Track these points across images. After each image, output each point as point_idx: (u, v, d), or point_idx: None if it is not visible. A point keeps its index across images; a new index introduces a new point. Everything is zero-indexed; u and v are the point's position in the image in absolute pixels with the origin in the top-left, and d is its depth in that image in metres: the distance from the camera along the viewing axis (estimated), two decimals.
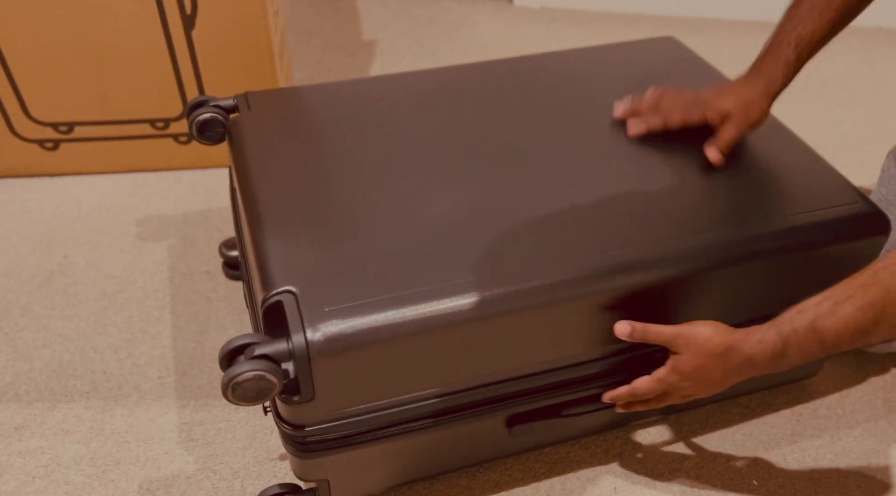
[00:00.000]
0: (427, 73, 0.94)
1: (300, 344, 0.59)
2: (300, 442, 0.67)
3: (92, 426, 0.87)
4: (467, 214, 0.71)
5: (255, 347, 0.59)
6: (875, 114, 1.40)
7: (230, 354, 0.60)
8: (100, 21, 1.07)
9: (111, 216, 1.15)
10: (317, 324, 0.60)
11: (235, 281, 1.03)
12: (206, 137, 0.87)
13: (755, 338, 0.63)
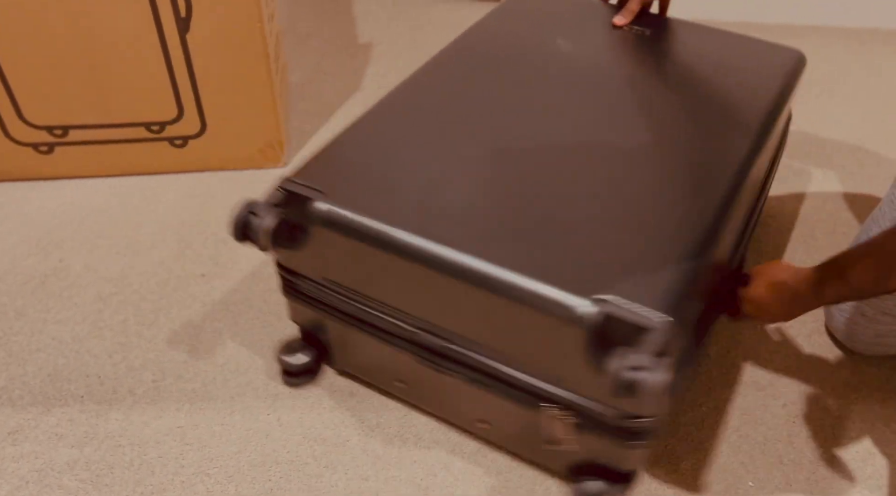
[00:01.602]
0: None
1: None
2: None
3: (86, 430, 0.87)
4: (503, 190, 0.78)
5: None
6: (873, 114, 1.40)
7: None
8: (94, 24, 1.07)
9: (107, 219, 1.15)
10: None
11: (297, 388, 0.93)
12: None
13: (804, 274, 0.76)
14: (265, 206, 0.76)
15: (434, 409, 0.88)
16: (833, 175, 1.26)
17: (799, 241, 1.14)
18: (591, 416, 0.72)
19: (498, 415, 0.80)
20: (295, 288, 0.85)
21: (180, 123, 1.18)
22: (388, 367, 0.86)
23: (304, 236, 0.78)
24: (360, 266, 0.77)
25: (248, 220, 0.76)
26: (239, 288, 1.04)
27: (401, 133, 0.85)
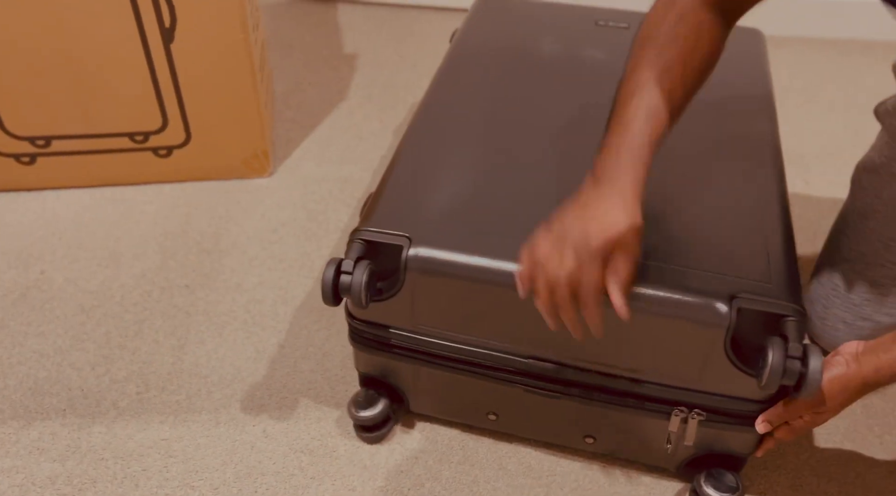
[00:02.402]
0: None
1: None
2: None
3: (68, 444, 0.86)
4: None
5: None
6: (852, 123, 1.42)
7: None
8: (77, 34, 1.06)
9: (89, 230, 1.14)
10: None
11: (374, 444, 0.87)
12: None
13: (890, 372, 0.65)
14: (352, 262, 0.70)
15: (531, 434, 0.86)
16: (813, 183, 1.27)
17: None
18: (721, 411, 0.72)
19: (607, 428, 0.79)
20: (373, 338, 0.79)
21: (164, 133, 1.17)
22: (481, 403, 0.83)
23: (390, 285, 0.74)
24: (461, 305, 0.74)
25: (339, 280, 0.70)
26: (223, 299, 1.04)
27: (446, 157, 0.83)
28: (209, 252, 1.11)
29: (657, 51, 0.65)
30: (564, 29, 1.06)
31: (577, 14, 1.09)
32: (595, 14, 1.09)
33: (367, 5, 1.77)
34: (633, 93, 0.63)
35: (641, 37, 0.68)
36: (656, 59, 0.64)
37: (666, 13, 0.66)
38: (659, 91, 0.63)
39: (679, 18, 0.65)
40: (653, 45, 0.65)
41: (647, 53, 0.65)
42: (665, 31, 0.66)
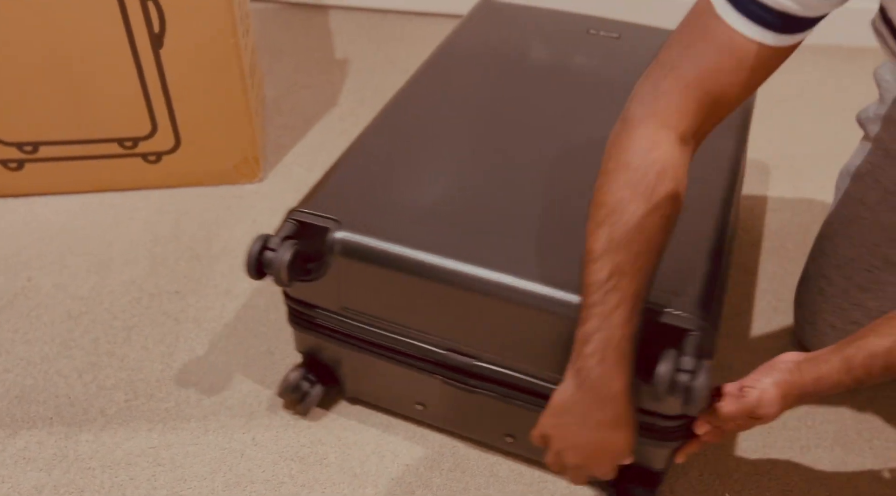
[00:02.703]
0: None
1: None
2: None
3: (55, 452, 0.85)
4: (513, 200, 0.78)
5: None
6: (840, 128, 1.43)
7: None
8: (65, 39, 1.05)
9: (78, 237, 1.13)
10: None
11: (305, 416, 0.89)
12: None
13: (829, 384, 0.64)
14: (279, 240, 0.72)
15: (455, 428, 0.87)
16: (802, 187, 1.28)
17: (771, 253, 1.15)
18: None
19: (525, 428, 0.78)
20: (307, 319, 0.82)
21: (154, 139, 1.17)
22: (407, 391, 0.84)
23: (318, 267, 0.76)
24: (384, 292, 0.75)
25: (263, 256, 0.72)
26: (213, 305, 1.03)
27: (401, 150, 0.85)
28: (199, 258, 1.10)
29: (637, 228, 0.59)
30: (554, 36, 1.07)
31: (571, 22, 1.10)
32: (588, 23, 1.09)
33: (358, 10, 1.77)
34: (610, 277, 0.60)
35: (616, 198, 0.59)
36: (637, 237, 0.59)
37: (646, 170, 0.59)
38: (641, 277, 0.60)
39: (658, 179, 0.59)
40: (631, 220, 0.59)
41: (625, 232, 0.59)
42: (644, 204, 0.59)
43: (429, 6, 1.76)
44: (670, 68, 0.59)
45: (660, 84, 0.60)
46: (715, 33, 0.57)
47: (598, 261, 0.60)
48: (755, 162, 1.31)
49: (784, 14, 0.54)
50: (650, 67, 0.62)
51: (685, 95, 0.59)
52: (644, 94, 0.61)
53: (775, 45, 0.56)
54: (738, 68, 0.57)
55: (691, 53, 0.58)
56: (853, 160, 0.91)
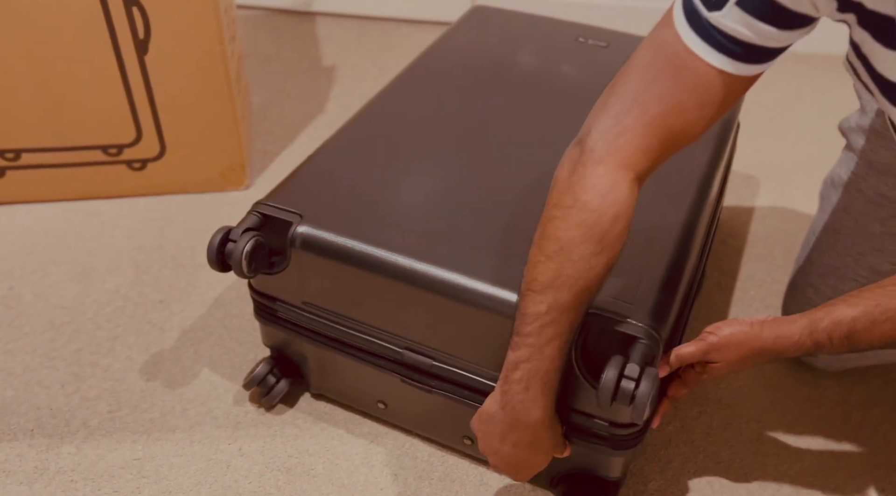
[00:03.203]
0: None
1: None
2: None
3: (36, 465, 0.83)
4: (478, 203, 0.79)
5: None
6: (825, 135, 1.44)
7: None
8: (49, 45, 1.04)
9: (61, 245, 1.12)
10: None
11: (271, 410, 0.89)
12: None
13: (790, 342, 0.65)
14: (240, 231, 0.74)
15: (416, 428, 0.87)
16: (789, 194, 1.29)
17: (759, 260, 1.16)
18: (580, 427, 0.72)
19: None
20: (270, 312, 0.83)
21: (139, 146, 1.16)
22: (369, 389, 0.85)
23: (281, 260, 0.77)
24: (342, 288, 0.76)
25: (224, 247, 0.74)
26: (199, 314, 1.02)
27: (372, 151, 0.85)
28: (184, 266, 1.09)
29: (585, 269, 0.59)
30: (541, 43, 1.07)
31: (560, 29, 1.10)
32: (577, 31, 1.09)
33: (346, 18, 1.77)
34: (549, 311, 0.60)
35: (569, 237, 0.59)
36: (583, 276, 0.59)
37: (603, 213, 0.58)
38: (578, 314, 0.61)
39: (613, 223, 0.59)
40: (581, 260, 0.59)
41: (573, 272, 0.59)
42: (595, 247, 0.59)
43: (418, 14, 1.76)
44: (633, 101, 0.58)
45: (622, 119, 0.58)
46: (683, 64, 0.56)
47: (540, 293, 0.60)
48: (742, 170, 1.31)
49: (749, 44, 0.54)
50: (610, 95, 0.60)
51: (648, 134, 0.58)
52: (605, 127, 0.59)
53: (741, 74, 0.56)
54: (704, 103, 0.57)
55: (657, 87, 0.57)
56: (836, 169, 0.92)
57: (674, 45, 0.56)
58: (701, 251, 0.87)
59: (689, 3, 0.55)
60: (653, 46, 0.58)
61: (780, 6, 0.52)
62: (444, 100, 0.94)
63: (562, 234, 0.59)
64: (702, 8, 0.54)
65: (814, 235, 0.94)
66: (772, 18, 0.52)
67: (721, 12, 0.53)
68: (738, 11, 0.53)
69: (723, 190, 1.03)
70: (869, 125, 0.86)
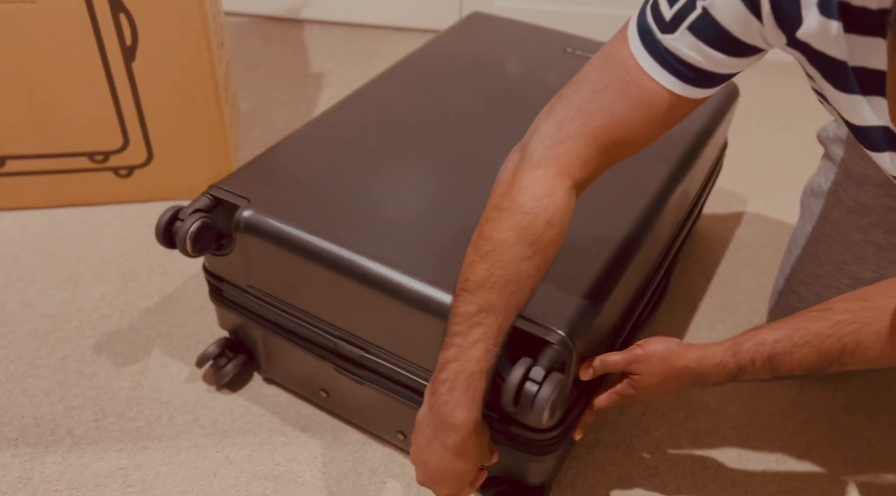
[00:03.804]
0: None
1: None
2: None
3: (20, 475, 0.82)
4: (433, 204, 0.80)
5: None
6: (810, 142, 1.45)
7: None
8: (35, 51, 1.04)
9: (46, 253, 1.11)
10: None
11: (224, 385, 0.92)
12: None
13: (713, 362, 0.65)
14: (189, 211, 0.77)
15: (356, 420, 0.88)
16: (774, 201, 1.30)
17: (744, 265, 1.17)
18: (499, 430, 0.72)
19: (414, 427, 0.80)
20: (222, 294, 0.86)
21: (126, 153, 1.15)
22: (311, 376, 0.86)
23: (229, 242, 0.79)
24: (282, 273, 0.78)
25: (172, 225, 0.77)
26: (186, 322, 1.01)
27: (333, 148, 0.87)
28: (171, 274, 1.08)
29: (516, 271, 0.59)
30: (528, 51, 1.07)
31: (550, 39, 1.11)
32: (567, 41, 1.10)
33: (334, 25, 1.77)
34: (479, 312, 0.60)
35: (502, 238, 0.58)
36: (514, 278, 0.59)
37: (536, 216, 0.58)
38: (508, 316, 0.60)
39: (547, 226, 0.59)
40: (512, 262, 0.59)
41: (504, 273, 0.59)
42: (528, 249, 0.59)
43: (406, 21, 1.77)
44: (578, 109, 0.58)
45: (565, 126, 0.58)
46: (632, 81, 0.56)
47: (471, 293, 0.60)
48: (728, 177, 1.32)
49: (699, 69, 0.54)
50: (557, 102, 0.60)
51: (589, 144, 0.58)
52: (547, 133, 0.59)
53: (688, 96, 0.56)
54: (648, 120, 0.57)
55: (604, 99, 0.57)
56: (815, 178, 0.93)
57: (625, 61, 0.56)
58: (656, 266, 0.88)
59: (644, 21, 0.55)
60: (605, 59, 0.58)
61: (731, 36, 0.52)
62: (417, 102, 0.96)
63: (496, 235, 0.59)
64: (655, 29, 0.54)
65: (796, 243, 0.94)
66: (722, 46, 0.53)
67: (673, 35, 0.53)
68: (689, 36, 0.53)
69: (698, 204, 1.03)
70: (846, 135, 0.87)
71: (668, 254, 0.93)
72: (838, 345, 0.60)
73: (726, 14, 0.51)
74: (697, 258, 1.17)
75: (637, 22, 0.56)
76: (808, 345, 0.61)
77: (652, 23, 0.55)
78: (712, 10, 0.51)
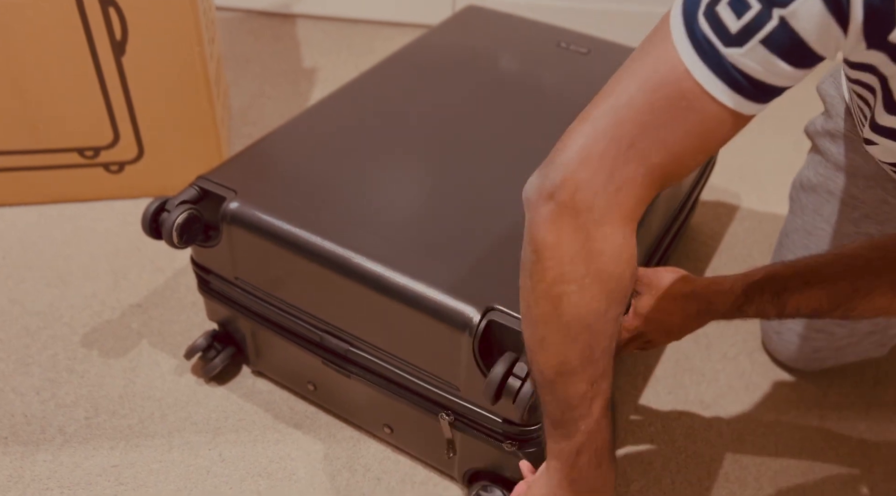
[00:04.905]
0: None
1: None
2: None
3: (10, 474, 0.81)
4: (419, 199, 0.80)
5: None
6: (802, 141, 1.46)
7: None
8: (23, 46, 1.02)
9: (36, 250, 1.10)
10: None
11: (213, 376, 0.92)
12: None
13: (721, 289, 0.64)
14: (176, 203, 0.76)
15: (343, 413, 0.88)
16: (768, 198, 1.30)
17: (738, 262, 1.17)
18: (484, 425, 0.72)
19: (401, 421, 0.81)
20: (210, 286, 0.85)
21: (116, 148, 1.14)
22: (299, 369, 0.86)
23: (216, 234, 0.79)
24: (269, 266, 0.78)
25: (158, 216, 0.77)
26: (177, 319, 1.01)
27: (321, 141, 0.87)
28: (163, 271, 1.08)
29: (613, 334, 0.56)
30: (521, 46, 1.07)
31: (544, 33, 1.10)
32: (560, 36, 1.10)
33: (326, 20, 1.76)
34: (592, 385, 0.56)
35: (592, 311, 0.53)
36: (613, 340, 0.56)
37: (621, 276, 0.54)
38: (611, 371, 0.57)
39: (632, 281, 0.55)
40: (609, 328, 0.55)
41: (606, 345, 0.55)
42: (619, 309, 0.55)
43: (399, 16, 1.76)
44: (630, 147, 0.50)
45: (620, 169, 0.50)
46: (690, 104, 0.49)
47: (575, 374, 0.55)
48: (721, 173, 1.33)
49: (758, 82, 0.48)
50: (601, 138, 0.50)
51: (647, 184, 0.51)
52: (601, 182, 0.51)
53: (748, 113, 0.50)
54: (706, 147, 0.51)
55: (658, 132, 0.50)
56: (804, 172, 0.93)
57: (679, 83, 0.48)
58: (646, 262, 0.89)
59: (699, 33, 0.47)
60: (650, 80, 0.50)
61: (807, 46, 0.46)
62: (408, 96, 0.95)
63: (583, 311, 0.53)
64: (717, 42, 0.47)
65: (787, 238, 0.95)
66: (793, 58, 0.47)
67: (741, 50, 0.46)
68: (762, 49, 0.46)
69: (690, 199, 1.03)
70: (835, 129, 0.87)
71: (659, 250, 0.93)
72: (850, 289, 0.59)
73: (808, 24, 0.45)
74: (691, 254, 1.18)
75: (687, 33, 0.48)
76: (821, 284, 0.60)
77: (712, 35, 0.47)
78: (792, 20, 0.45)
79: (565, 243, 0.52)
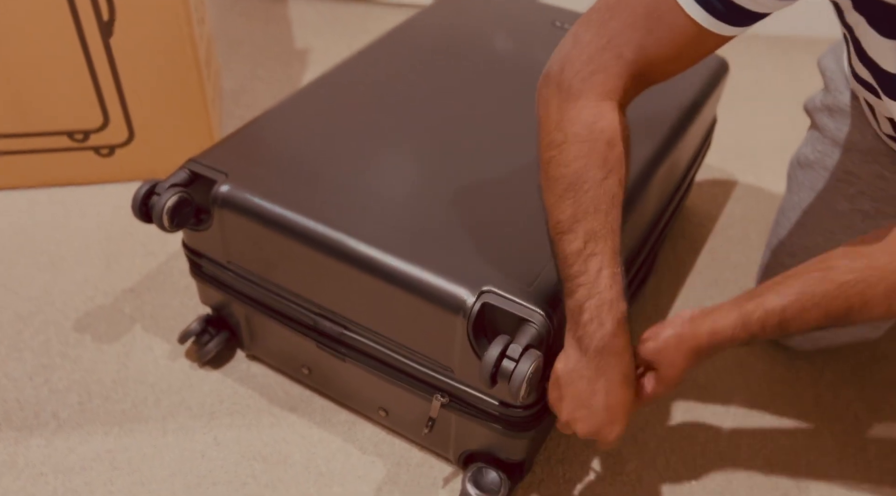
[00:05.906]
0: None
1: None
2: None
3: (4, 459, 0.81)
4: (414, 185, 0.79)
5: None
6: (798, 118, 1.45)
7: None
8: (9, 29, 1.01)
9: (27, 235, 1.09)
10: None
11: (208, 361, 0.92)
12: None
13: (724, 337, 0.64)
14: (166, 186, 0.75)
15: (338, 396, 0.88)
16: (763, 178, 1.30)
17: (734, 242, 1.17)
18: (478, 407, 0.72)
19: (395, 403, 0.81)
20: (202, 270, 0.85)
21: (106, 131, 1.13)
22: (293, 353, 0.86)
23: (207, 217, 0.78)
24: (261, 250, 0.77)
25: (148, 199, 0.76)
26: (170, 303, 1.00)
27: (313, 122, 0.86)
28: (156, 254, 1.07)
29: (601, 192, 0.60)
30: (515, 25, 1.06)
31: (538, 13, 1.09)
32: (555, 15, 1.08)
33: (319, 0, 1.74)
34: (586, 244, 0.60)
35: (573, 169, 0.60)
36: (603, 198, 0.60)
37: (596, 140, 0.60)
38: (614, 235, 0.61)
39: (609, 147, 0.60)
40: (594, 185, 0.60)
41: (591, 197, 0.60)
42: (601, 171, 0.60)
43: None
44: (610, 41, 0.58)
45: (596, 58, 0.59)
46: (662, 15, 0.56)
47: (570, 232, 0.60)
48: (717, 153, 1.32)
49: (733, 4, 0.55)
50: (586, 28, 0.60)
51: (622, 73, 0.59)
52: (579, 66, 0.60)
53: (718, 33, 0.56)
54: (679, 55, 0.58)
55: (634, 33, 0.58)
56: (803, 149, 0.92)
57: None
58: (642, 242, 0.88)
59: None
60: None
61: None
62: (400, 76, 0.94)
63: (566, 170, 0.60)
64: None
65: (783, 216, 0.94)
66: None
67: None
68: None
69: (687, 179, 1.03)
70: (833, 103, 0.87)
71: (655, 231, 0.92)
72: (845, 305, 0.60)
73: None
74: (687, 234, 1.17)
75: None
76: (817, 307, 0.61)
77: None
78: None
79: (552, 114, 0.61)
